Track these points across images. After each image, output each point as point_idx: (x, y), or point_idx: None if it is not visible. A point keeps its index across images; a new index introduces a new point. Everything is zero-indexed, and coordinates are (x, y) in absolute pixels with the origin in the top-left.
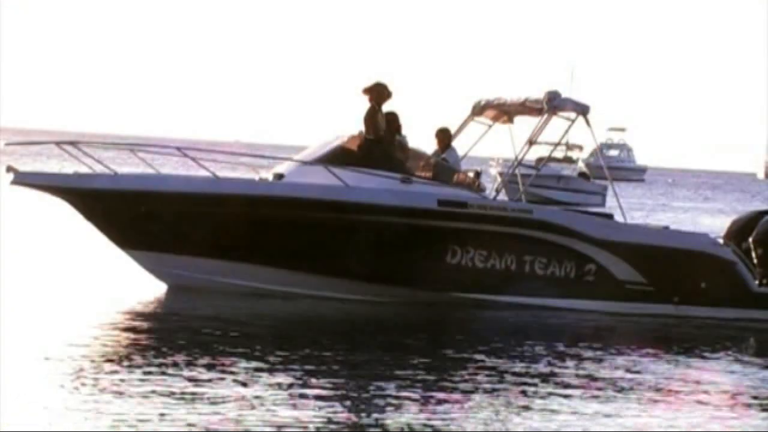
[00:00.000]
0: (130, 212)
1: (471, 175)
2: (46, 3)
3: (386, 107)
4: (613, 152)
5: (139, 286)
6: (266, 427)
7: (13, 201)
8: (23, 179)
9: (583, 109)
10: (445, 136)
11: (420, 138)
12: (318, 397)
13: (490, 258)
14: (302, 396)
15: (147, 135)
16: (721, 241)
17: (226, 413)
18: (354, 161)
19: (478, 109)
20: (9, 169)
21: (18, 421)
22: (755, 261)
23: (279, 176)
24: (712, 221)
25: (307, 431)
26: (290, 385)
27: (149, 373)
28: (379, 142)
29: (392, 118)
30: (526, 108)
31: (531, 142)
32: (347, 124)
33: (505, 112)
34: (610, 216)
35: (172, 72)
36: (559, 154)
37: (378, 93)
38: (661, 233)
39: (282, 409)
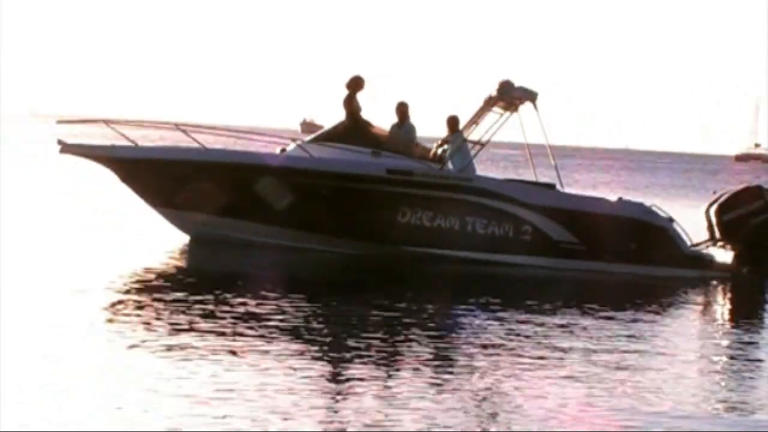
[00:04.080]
0: (152, 176)
1: (440, 151)
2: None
3: (396, 98)
4: None
5: (166, 237)
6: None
7: (66, 169)
8: (69, 149)
9: (531, 96)
10: (453, 123)
11: (437, 123)
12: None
13: (435, 218)
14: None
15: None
16: (656, 209)
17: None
18: (332, 138)
19: (491, 100)
20: (59, 141)
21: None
22: (717, 228)
23: (282, 151)
24: None
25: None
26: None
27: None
28: (354, 122)
29: (402, 108)
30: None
31: (476, 123)
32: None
33: (511, 102)
34: (551, 186)
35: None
36: None
37: (354, 83)
38: (593, 202)
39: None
